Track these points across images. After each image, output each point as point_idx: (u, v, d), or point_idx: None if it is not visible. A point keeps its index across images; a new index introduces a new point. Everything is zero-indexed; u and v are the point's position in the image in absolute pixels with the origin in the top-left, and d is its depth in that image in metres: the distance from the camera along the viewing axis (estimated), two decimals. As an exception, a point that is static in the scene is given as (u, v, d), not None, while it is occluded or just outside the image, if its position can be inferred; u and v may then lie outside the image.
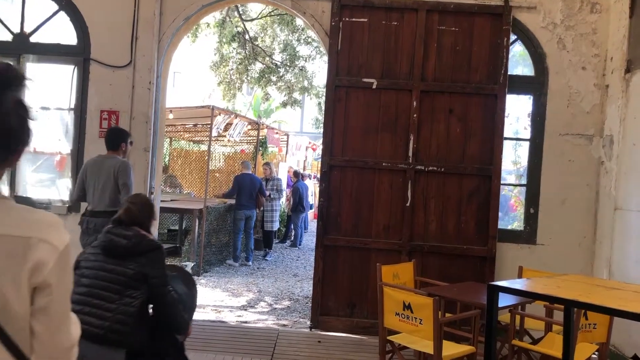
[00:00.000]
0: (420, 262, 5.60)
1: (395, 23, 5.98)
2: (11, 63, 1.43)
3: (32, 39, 6.27)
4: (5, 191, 6.13)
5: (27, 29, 6.26)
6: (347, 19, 5.99)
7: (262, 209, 10.70)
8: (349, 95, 6.01)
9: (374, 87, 5.97)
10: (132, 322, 2.85)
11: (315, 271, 6.02)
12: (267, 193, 10.62)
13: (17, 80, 1.35)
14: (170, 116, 10.84)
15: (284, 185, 13.41)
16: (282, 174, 14.58)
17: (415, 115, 5.91)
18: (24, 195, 6.25)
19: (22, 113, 1.36)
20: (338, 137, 6.01)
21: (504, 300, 4.05)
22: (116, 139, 5.29)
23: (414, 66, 5.94)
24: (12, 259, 1.27)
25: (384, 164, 5.95)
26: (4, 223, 1.31)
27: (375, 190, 5.98)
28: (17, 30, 6.27)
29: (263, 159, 14.13)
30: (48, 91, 6.36)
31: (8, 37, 6.28)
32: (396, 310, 4.04)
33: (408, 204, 5.91)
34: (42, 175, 6.49)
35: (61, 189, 6.31)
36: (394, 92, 5.97)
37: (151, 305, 3.05)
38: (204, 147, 16.28)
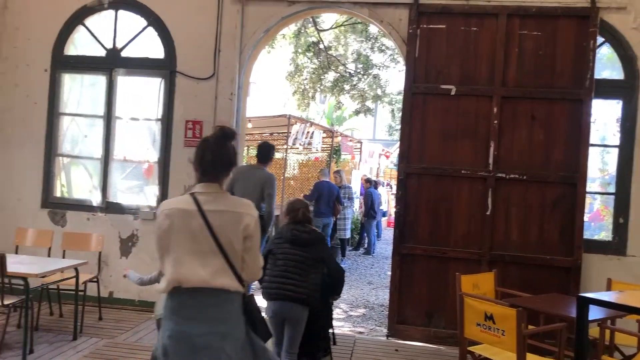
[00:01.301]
0: (501, 272, 5.46)
1: (475, 29, 5.89)
2: (229, 126, 2.83)
3: (123, 54, 6.65)
4: (99, 196, 6.53)
5: (119, 44, 6.65)
6: (424, 26, 5.97)
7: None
8: (426, 102, 5.97)
9: (453, 93, 5.90)
10: (317, 289, 4.06)
11: (392, 279, 6.00)
12: (342, 201, 10.68)
13: (233, 135, 2.72)
14: (249, 125, 11.14)
15: (357, 193, 13.43)
16: (355, 182, 14.61)
17: (495, 122, 5.79)
18: (115, 201, 6.62)
19: (235, 153, 2.73)
20: (415, 145, 5.98)
21: (593, 313, 3.88)
22: (267, 153, 6.27)
23: (495, 72, 5.83)
24: (235, 223, 2.59)
25: (462, 171, 5.86)
26: (228, 205, 2.62)
27: (453, 198, 5.90)
28: (109, 46, 6.67)
29: (337, 167, 14.23)
30: (137, 103, 6.72)
31: (102, 53, 6.69)
32: (477, 321, 3.96)
33: (488, 213, 5.79)
34: (131, 182, 6.85)
35: (149, 195, 6.63)
36: (474, 98, 5.88)
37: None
38: (279, 155, 16.61)
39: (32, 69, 6.72)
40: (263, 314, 2.96)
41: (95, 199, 6.65)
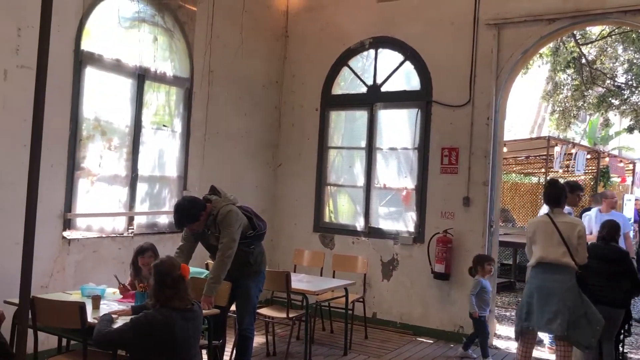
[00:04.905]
0: None
1: None
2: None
3: (383, 89, 7.11)
4: (362, 221, 7.01)
5: (379, 80, 7.14)
6: None
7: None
8: None
9: None
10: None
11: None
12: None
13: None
14: (504, 149, 10.81)
15: (631, 220, 11.90)
16: (628, 207, 12.99)
17: None
18: (376, 226, 7.04)
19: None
20: None
21: None
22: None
23: None
24: (571, 229, 4.50)
25: None
26: (567, 219, 4.64)
27: None
28: (370, 82, 7.20)
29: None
30: (395, 133, 7.09)
31: (363, 90, 7.26)
32: None
33: None
34: (391, 208, 7.20)
35: (407, 221, 6.89)
36: None
37: None
38: (534, 179, 15.71)
39: (305, 109, 7.61)
40: None
41: (359, 224, 7.16)
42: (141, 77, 5.78)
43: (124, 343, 3.27)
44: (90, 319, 3.58)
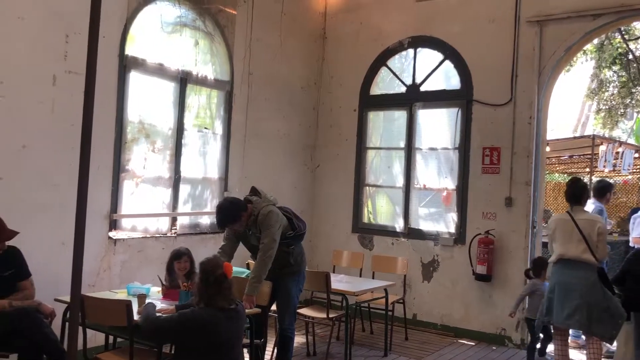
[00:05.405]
0: None
1: None
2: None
3: (422, 88, 7.06)
4: (401, 222, 6.96)
5: (418, 80, 7.09)
6: None
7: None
8: None
9: None
10: None
11: None
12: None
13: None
14: (547, 149, 10.58)
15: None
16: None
17: None
18: (416, 227, 6.99)
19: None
20: None
21: None
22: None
23: None
24: (591, 226, 4.60)
25: None
26: (587, 216, 4.78)
27: None
28: (409, 82, 7.16)
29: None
30: (434, 133, 7.02)
31: (402, 90, 7.22)
32: None
33: None
34: (431, 209, 7.13)
35: (447, 222, 6.82)
36: None
37: None
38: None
39: (343, 110, 7.61)
40: None
41: (398, 225, 7.12)
42: (183, 80, 5.89)
43: (168, 333, 3.35)
44: (136, 317, 3.67)
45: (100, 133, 4.92)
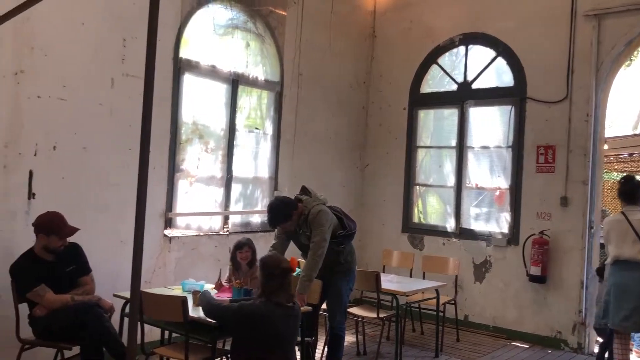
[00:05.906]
0: None
1: None
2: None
3: (474, 86, 6.94)
4: (453, 222, 6.87)
5: (469, 77, 6.97)
6: None
7: None
8: None
9: None
10: None
11: None
12: None
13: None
14: (605, 147, 10.22)
15: None
16: None
17: None
18: (467, 227, 6.88)
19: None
20: None
21: None
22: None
23: None
24: None
25: None
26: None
27: None
28: (460, 79, 7.05)
29: None
30: (487, 132, 6.89)
31: (453, 87, 7.12)
32: None
33: None
34: (483, 209, 7.00)
35: (500, 222, 6.68)
36: None
37: None
38: (639, 178, 14.69)
39: (392, 109, 7.57)
40: None
41: (449, 225, 7.03)
42: (235, 82, 6.00)
43: (225, 320, 3.48)
44: (191, 313, 3.77)
45: (156, 134, 5.06)
